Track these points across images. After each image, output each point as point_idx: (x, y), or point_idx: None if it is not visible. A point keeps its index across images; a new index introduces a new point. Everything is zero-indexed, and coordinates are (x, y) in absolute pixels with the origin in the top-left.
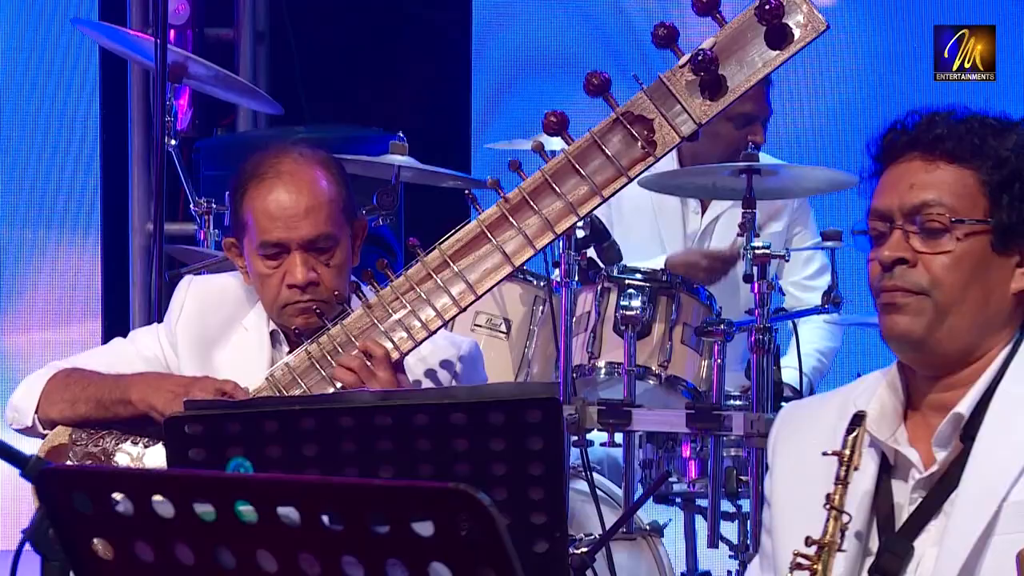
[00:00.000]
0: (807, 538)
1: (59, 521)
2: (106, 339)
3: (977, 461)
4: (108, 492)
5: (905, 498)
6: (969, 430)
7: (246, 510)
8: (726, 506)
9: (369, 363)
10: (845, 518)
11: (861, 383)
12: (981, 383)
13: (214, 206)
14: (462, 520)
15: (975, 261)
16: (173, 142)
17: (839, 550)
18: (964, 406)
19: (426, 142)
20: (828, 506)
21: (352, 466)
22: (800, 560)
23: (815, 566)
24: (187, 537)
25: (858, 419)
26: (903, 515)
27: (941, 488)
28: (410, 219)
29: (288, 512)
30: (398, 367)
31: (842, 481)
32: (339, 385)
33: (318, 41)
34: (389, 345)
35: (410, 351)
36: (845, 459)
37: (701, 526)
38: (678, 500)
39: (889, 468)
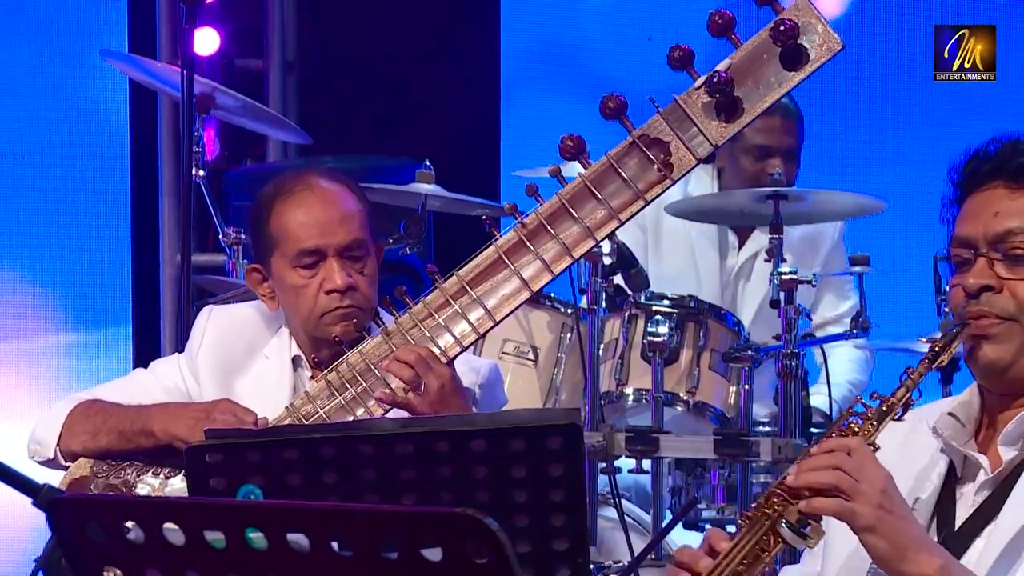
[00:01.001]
0: (872, 393)
1: (71, 549)
2: None
3: None
4: (120, 520)
5: (969, 500)
6: None
7: (256, 537)
8: None
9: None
10: (915, 395)
11: (928, 406)
12: None
13: (243, 236)
14: (475, 547)
15: None
16: (201, 173)
17: (896, 419)
18: None
19: (454, 170)
20: (906, 375)
21: (372, 494)
22: (860, 407)
23: (870, 422)
24: (198, 565)
25: (961, 329)
26: (966, 516)
27: (1004, 488)
28: (439, 247)
29: (298, 539)
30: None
31: (928, 358)
32: (360, 412)
33: (347, 71)
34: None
35: None
36: (937, 345)
37: None
38: (707, 526)
39: (956, 478)
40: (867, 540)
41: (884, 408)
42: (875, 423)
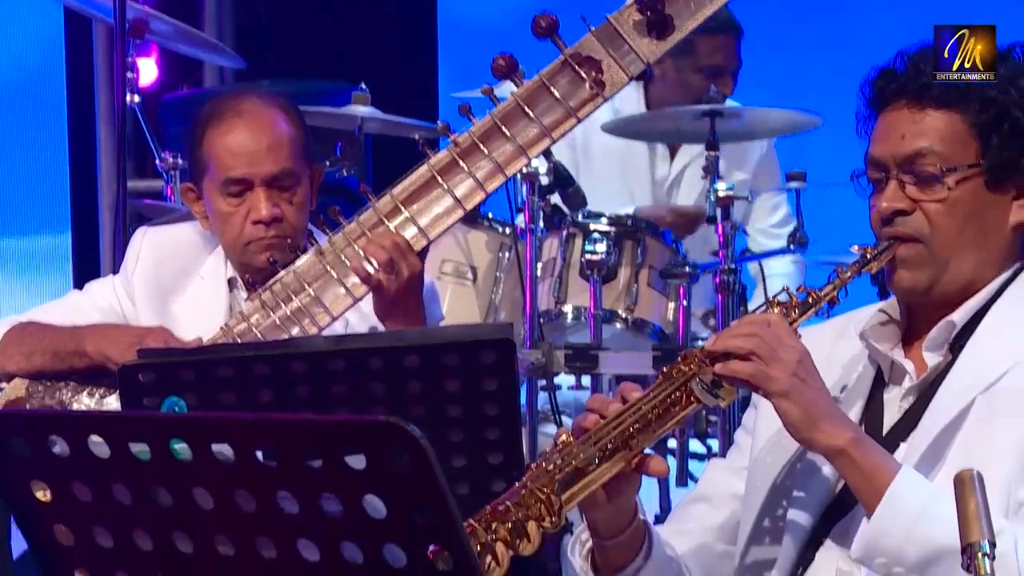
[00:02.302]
0: (800, 286)
1: None
2: None
3: (961, 365)
4: (44, 435)
5: (896, 405)
6: (960, 340)
7: (181, 448)
8: (695, 446)
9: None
10: (842, 294)
11: (860, 310)
12: (977, 299)
13: (180, 161)
14: (399, 456)
15: (971, 204)
16: (136, 99)
17: (819, 314)
18: (958, 315)
19: (391, 93)
20: (835, 274)
21: (307, 411)
22: (785, 296)
23: (793, 309)
24: (123, 477)
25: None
26: (894, 421)
27: (928, 393)
28: (376, 170)
29: (222, 449)
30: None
31: (858, 263)
32: (294, 331)
33: None
34: (342, 291)
35: (364, 296)
36: (869, 252)
37: (671, 466)
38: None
39: (883, 383)
40: (780, 406)
41: (810, 300)
42: (797, 312)
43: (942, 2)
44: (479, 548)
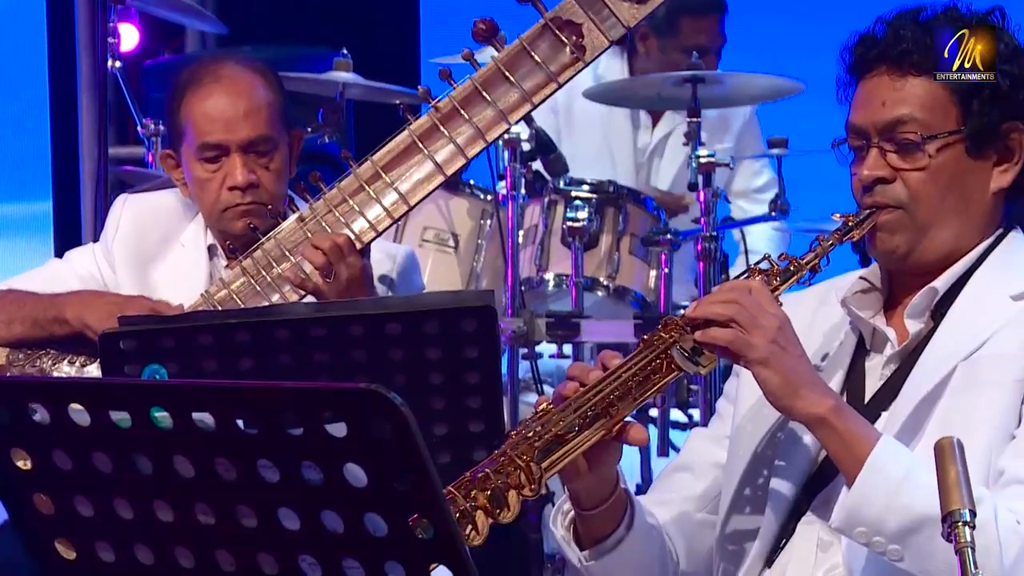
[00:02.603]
0: (782, 254)
1: None
2: None
3: (942, 332)
4: (24, 402)
5: (877, 373)
6: (941, 307)
7: (161, 416)
8: (676, 415)
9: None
10: (824, 263)
11: (842, 277)
12: (959, 266)
13: (162, 128)
14: (379, 423)
15: (952, 171)
16: (117, 64)
17: (802, 282)
18: (940, 282)
19: (372, 58)
20: (817, 242)
21: (288, 379)
22: (766, 264)
23: (774, 277)
24: (103, 445)
25: (873, 212)
26: (875, 389)
27: (910, 361)
28: (358, 136)
29: (203, 417)
30: (364, 254)
31: (839, 231)
32: (275, 298)
33: None
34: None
35: None
36: (850, 220)
37: (652, 435)
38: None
39: (865, 351)
40: (760, 374)
41: (791, 268)
42: (779, 279)
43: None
44: (458, 515)
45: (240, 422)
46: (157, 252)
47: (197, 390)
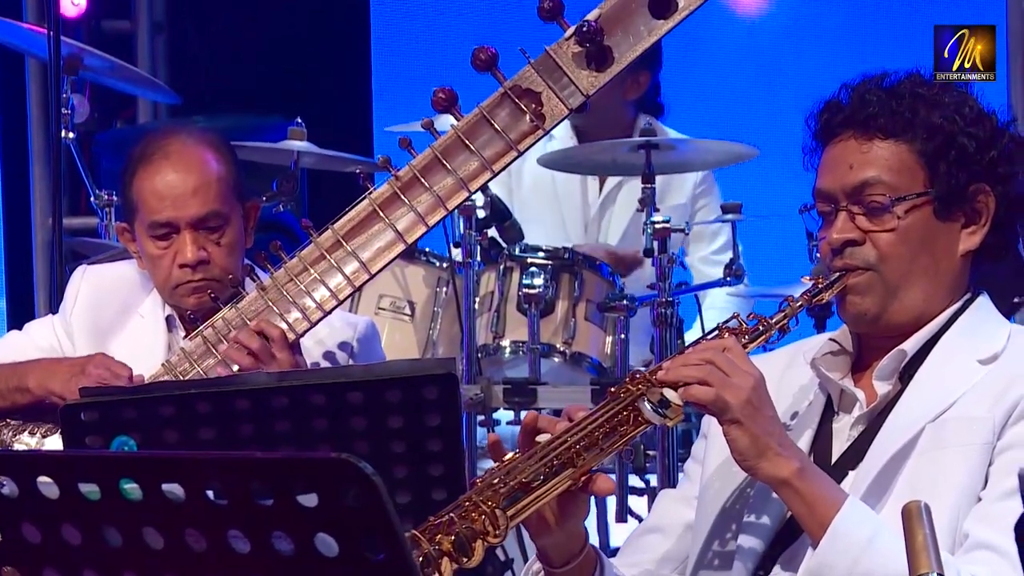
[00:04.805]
0: (750, 314)
1: None
2: None
3: (910, 394)
4: None
5: (845, 434)
6: (909, 370)
7: (130, 488)
8: (634, 481)
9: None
10: (792, 323)
11: (810, 339)
12: (928, 329)
13: (115, 198)
14: (351, 493)
15: (920, 233)
16: (71, 135)
17: (770, 342)
18: (909, 344)
19: (327, 128)
20: (786, 303)
21: (250, 449)
22: (735, 323)
23: (743, 335)
24: (73, 517)
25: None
26: (843, 450)
27: (878, 422)
28: (312, 204)
29: (173, 488)
30: (295, 349)
31: (809, 292)
32: (237, 368)
33: (216, 30)
34: (284, 326)
35: (306, 332)
36: (820, 283)
37: (610, 501)
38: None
39: (833, 412)
40: (730, 433)
41: (760, 327)
42: (747, 338)
43: (872, 38)
44: (422, 560)
45: (210, 493)
46: (116, 323)
47: (166, 461)
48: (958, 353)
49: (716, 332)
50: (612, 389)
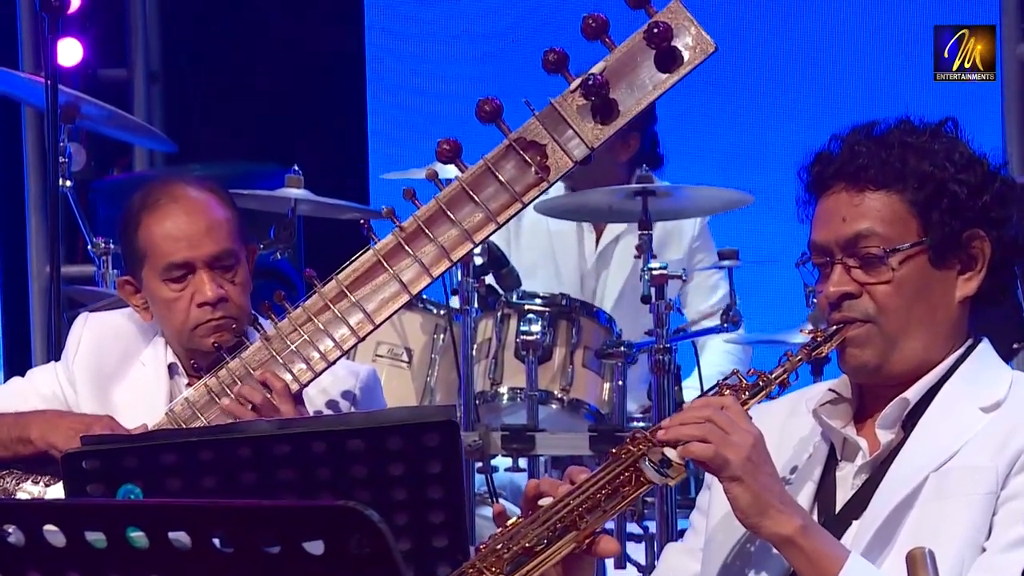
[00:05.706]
0: (750, 369)
1: None
2: None
3: (913, 443)
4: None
5: (848, 483)
6: (912, 418)
7: (137, 536)
8: (632, 528)
9: (270, 396)
10: (793, 378)
11: (810, 388)
12: (930, 377)
13: (112, 246)
14: (357, 540)
15: (917, 283)
16: (68, 183)
17: (770, 397)
18: (911, 393)
19: (323, 175)
20: (785, 357)
21: (252, 496)
22: (734, 379)
23: (743, 392)
24: (79, 565)
25: (842, 328)
26: (846, 499)
27: (881, 471)
28: (310, 252)
29: (179, 536)
30: (298, 399)
31: (808, 346)
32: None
33: (212, 79)
34: (288, 377)
35: (310, 382)
36: (819, 336)
37: None
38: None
39: (836, 461)
40: (731, 490)
41: (760, 383)
42: (747, 394)
43: (863, 81)
44: None
45: (217, 540)
46: (118, 370)
47: (173, 509)
48: (960, 401)
49: (716, 389)
50: (613, 450)
